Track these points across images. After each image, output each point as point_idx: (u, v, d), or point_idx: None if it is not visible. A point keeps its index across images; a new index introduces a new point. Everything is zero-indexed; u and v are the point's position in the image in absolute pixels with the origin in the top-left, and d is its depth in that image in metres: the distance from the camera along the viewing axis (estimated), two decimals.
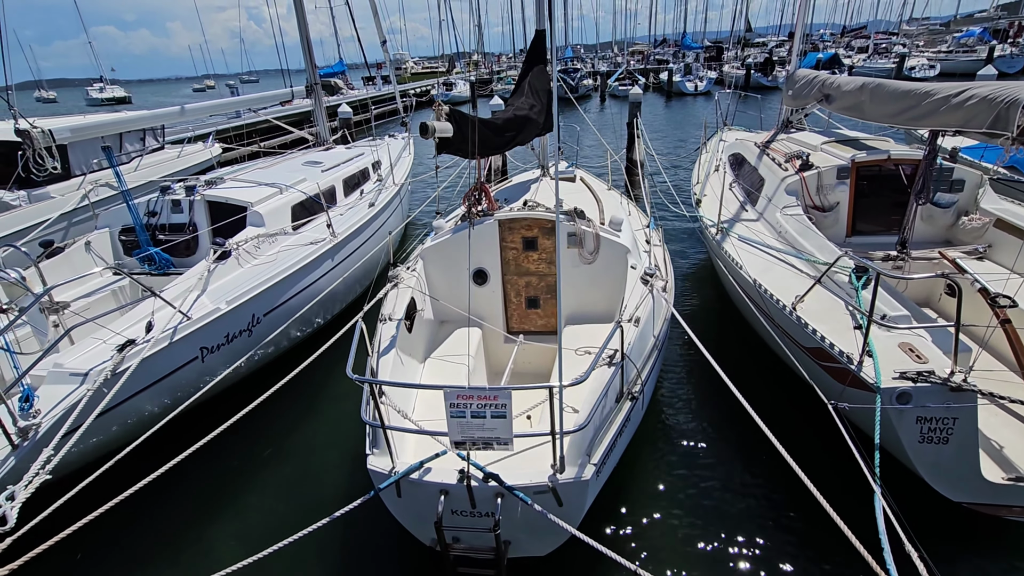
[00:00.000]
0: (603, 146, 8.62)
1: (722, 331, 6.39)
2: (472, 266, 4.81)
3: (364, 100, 21.34)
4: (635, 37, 67.93)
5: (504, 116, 5.03)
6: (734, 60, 38.11)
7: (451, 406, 2.47)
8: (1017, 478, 3.34)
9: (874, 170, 5.87)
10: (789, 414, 4.59)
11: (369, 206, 7.48)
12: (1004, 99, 3.97)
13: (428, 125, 4.00)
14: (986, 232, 5.41)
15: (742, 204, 6.58)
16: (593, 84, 36.56)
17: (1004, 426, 3.81)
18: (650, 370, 3.78)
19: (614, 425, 3.15)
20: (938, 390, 3.20)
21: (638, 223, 6.02)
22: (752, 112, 11.36)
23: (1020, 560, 3.60)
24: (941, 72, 31.00)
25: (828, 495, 2.55)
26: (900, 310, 3.93)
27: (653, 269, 4.35)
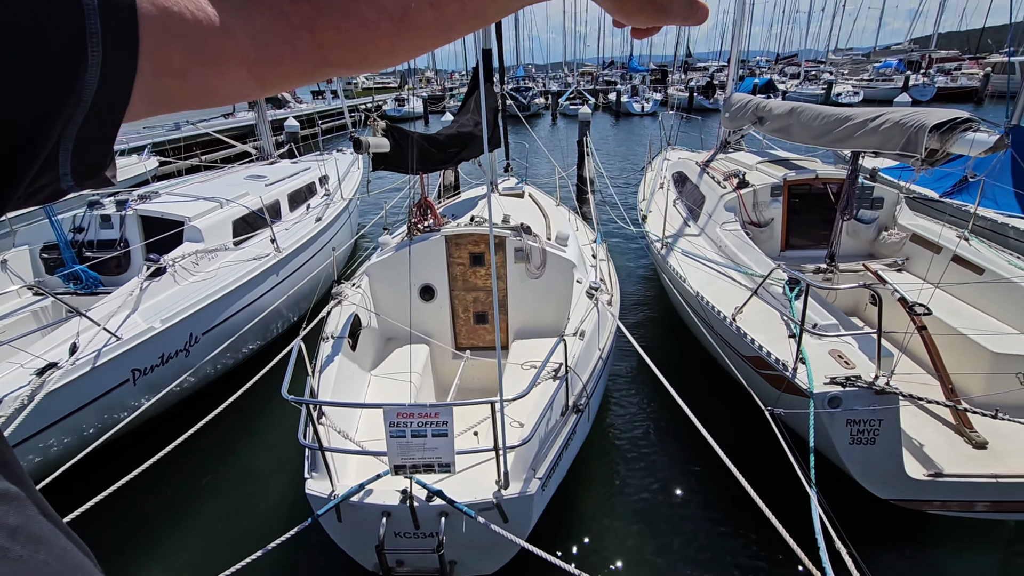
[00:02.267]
0: (553, 163, 8.82)
1: (668, 342, 6.56)
2: (419, 282, 4.77)
3: (312, 114, 20.93)
4: (585, 58, 70.10)
5: (447, 133, 5.06)
6: (678, 83, 39.84)
7: (391, 425, 2.42)
8: (936, 474, 3.56)
9: (804, 188, 6.23)
10: (732, 421, 4.74)
11: (316, 221, 7.31)
12: (913, 124, 4.32)
13: (362, 140, 3.95)
14: (904, 246, 5.82)
15: (685, 220, 6.82)
16: (545, 103, 37.29)
17: (924, 426, 4.06)
18: (596, 382, 3.83)
19: (560, 438, 3.17)
20: (864, 394, 3.39)
21: (585, 238, 6.13)
22: (694, 133, 11.88)
23: (940, 550, 3.84)
24: (864, 98, 33.38)
25: (770, 497, 2.64)
26: (829, 319, 4.15)
27: (598, 283, 4.44)
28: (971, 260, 5.03)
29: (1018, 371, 4.08)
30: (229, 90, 0.39)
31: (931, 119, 4.16)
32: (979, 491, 3.51)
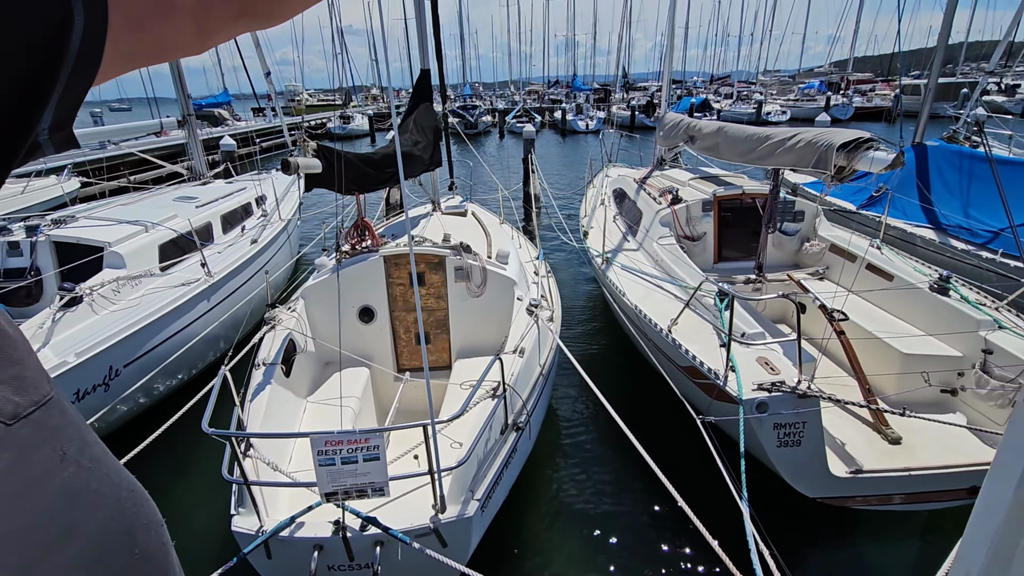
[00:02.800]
0: (500, 181, 8.91)
1: (611, 355, 6.69)
2: (358, 303, 4.67)
3: (249, 132, 20.28)
4: (531, 77, 71.52)
5: (383, 152, 5.03)
6: (620, 102, 41.30)
7: (319, 454, 2.34)
8: (857, 471, 3.76)
9: (734, 203, 6.55)
10: (672, 429, 4.86)
11: (251, 243, 7.06)
12: (823, 143, 4.63)
13: (290, 162, 3.86)
14: (824, 256, 6.20)
15: (624, 235, 7.02)
16: (492, 121, 37.74)
17: (845, 425, 4.29)
18: (537, 399, 3.85)
19: (499, 457, 3.15)
20: (789, 398, 3.55)
21: (528, 255, 6.20)
22: (635, 150, 12.31)
23: (865, 543, 4.04)
24: (791, 117, 35.58)
25: (708, 504, 2.71)
26: (756, 327, 4.34)
27: (538, 300, 4.48)
28: (882, 268, 5.41)
29: (923, 370, 4.39)
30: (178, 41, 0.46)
31: (838, 139, 4.48)
32: (895, 485, 3.73)
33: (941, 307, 4.67)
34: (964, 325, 4.39)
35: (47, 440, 0.38)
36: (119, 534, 0.41)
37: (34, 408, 0.38)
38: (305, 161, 3.98)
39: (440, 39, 6.94)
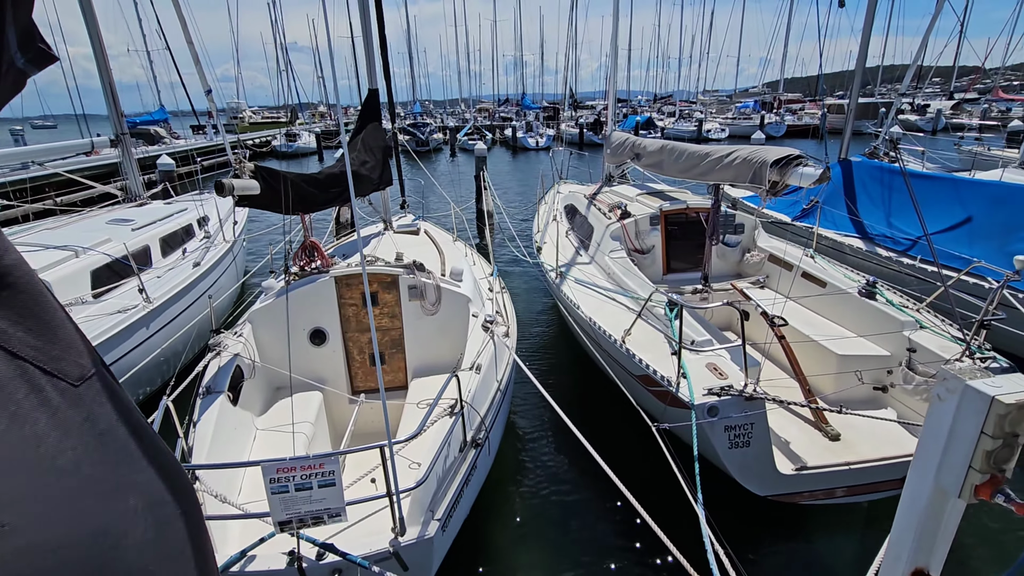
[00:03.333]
0: (453, 198, 8.95)
1: (566, 367, 6.77)
2: (308, 326, 4.56)
3: (189, 151, 19.49)
4: (481, 95, 72.31)
5: (329, 172, 4.96)
6: (569, 120, 42.31)
7: (271, 482, 2.26)
8: (802, 468, 3.95)
9: (680, 217, 6.82)
10: (630, 438, 4.96)
11: (194, 266, 6.77)
12: (757, 160, 4.92)
13: (225, 183, 3.72)
14: (763, 265, 6.53)
15: (577, 250, 7.17)
16: (443, 138, 37.84)
17: (789, 424, 4.51)
18: (495, 415, 3.85)
19: (459, 475, 3.13)
20: (737, 401, 3.70)
21: (482, 272, 6.23)
22: (584, 167, 12.62)
23: (812, 536, 4.23)
24: (730, 134, 37.46)
25: (666, 507, 2.77)
26: (705, 335, 4.51)
27: (494, 316, 4.51)
28: (816, 275, 5.75)
29: (856, 369, 4.68)
30: None
31: (770, 156, 4.77)
32: (837, 479, 3.93)
33: (869, 310, 5.01)
34: (890, 326, 4.71)
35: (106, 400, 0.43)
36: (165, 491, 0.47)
37: (93, 372, 0.43)
38: (241, 183, 3.86)
39: (388, 58, 6.95)
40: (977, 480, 1.57)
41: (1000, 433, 1.50)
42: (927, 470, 1.73)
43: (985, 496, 1.58)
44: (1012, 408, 1.47)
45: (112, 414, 0.44)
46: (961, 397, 1.59)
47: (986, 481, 1.56)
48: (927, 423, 1.76)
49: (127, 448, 0.44)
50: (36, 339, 0.39)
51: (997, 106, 39.06)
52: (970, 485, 1.58)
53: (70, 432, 0.38)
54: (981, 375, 1.58)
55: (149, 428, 0.48)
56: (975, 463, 1.56)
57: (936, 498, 1.74)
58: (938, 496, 1.73)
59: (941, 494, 1.72)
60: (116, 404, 0.45)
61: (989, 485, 1.57)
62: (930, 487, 1.72)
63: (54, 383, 0.39)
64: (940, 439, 1.68)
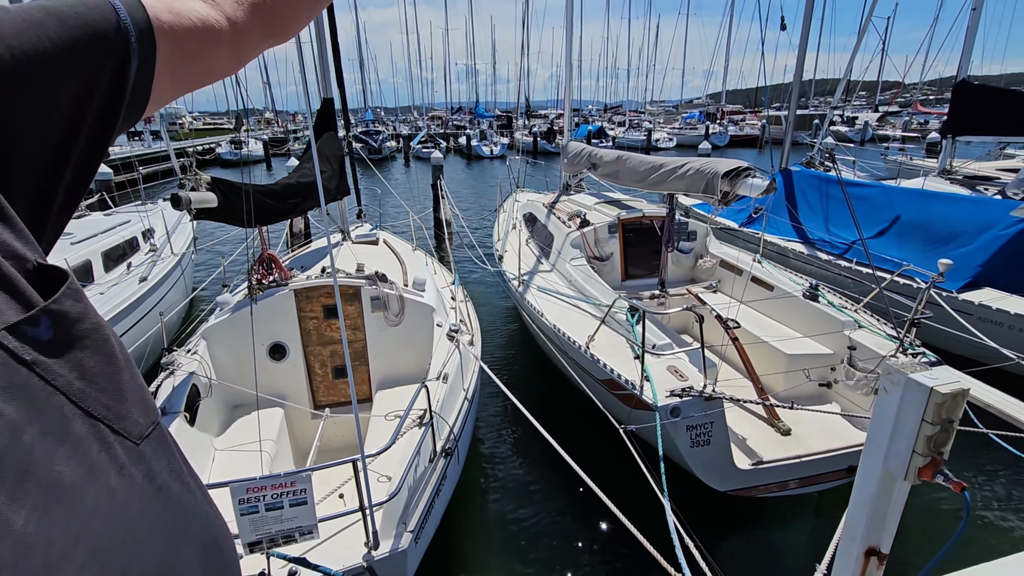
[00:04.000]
0: (409, 207, 8.89)
1: (532, 373, 6.84)
2: (267, 340, 4.43)
3: (129, 158, 18.50)
4: (433, 103, 72.15)
5: (286, 182, 4.86)
6: (522, 128, 42.80)
7: (240, 502, 2.20)
8: (758, 462, 4.14)
9: (636, 225, 7.03)
10: (597, 441, 5.06)
11: (140, 281, 6.44)
12: (709, 172, 5.16)
13: (181, 197, 3.60)
14: (715, 270, 6.82)
15: (538, 258, 7.27)
16: (396, 146, 37.49)
17: (745, 422, 4.72)
18: (463, 423, 3.86)
19: (430, 486, 3.12)
20: (697, 401, 3.85)
21: (444, 281, 6.23)
22: (540, 175, 12.81)
23: (770, 526, 4.44)
24: (677, 144, 38.82)
25: (634, 507, 2.86)
26: (665, 339, 4.68)
27: (458, 325, 4.52)
28: (764, 279, 6.07)
29: (803, 368, 4.96)
30: (221, 66, 0.57)
31: (722, 168, 5.01)
32: (790, 471, 4.15)
33: (813, 312, 5.32)
34: (832, 326, 5.03)
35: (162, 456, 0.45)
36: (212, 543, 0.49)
37: (152, 428, 0.45)
38: (198, 195, 3.73)
39: (341, 66, 6.89)
40: (920, 463, 1.73)
41: (938, 420, 1.66)
42: (876, 456, 1.89)
43: (927, 477, 1.74)
44: (947, 397, 1.63)
45: (167, 469, 0.45)
46: (904, 389, 1.74)
47: (927, 463, 1.72)
48: (875, 413, 1.91)
49: (182, 502, 0.46)
50: (108, 399, 0.41)
51: (917, 119, 42.28)
52: (914, 468, 1.74)
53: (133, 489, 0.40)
54: (919, 369, 1.74)
55: (197, 479, 0.51)
56: (918, 447, 1.72)
57: (885, 481, 1.89)
58: (887, 479, 1.89)
59: (889, 477, 1.88)
60: (169, 459, 0.47)
61: (930, 467, 1.73)
62: (879, 471, 1.87)
63: (121, 441, 0.41)
64: (887, 427, 1.84)
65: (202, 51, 0.53)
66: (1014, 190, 10.10)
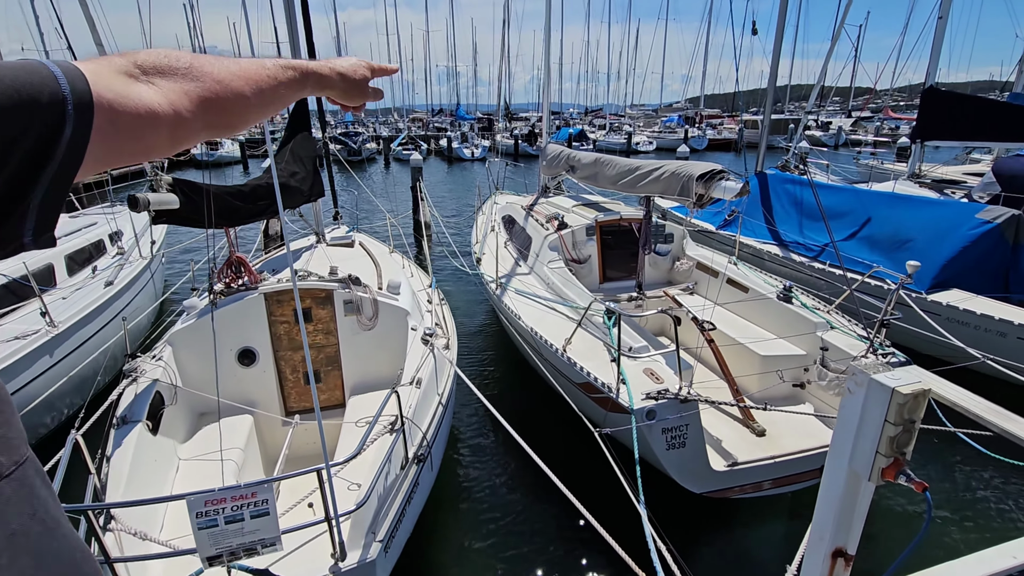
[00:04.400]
0: (390, 210, 8.79)
1: (510, 377, 6.80)
2: (236, 346, 4.32)
3: None
4: (414, 105, 71.75)
5: (255, 183, 4.74)
6: (503, 131, 42.83)
7: (198, 516, 2.11)
8: (733, 464, 4.16)
9: (613, 228, 7.05)
10: (574, 445, 5.04)
11: (105, 286, 6.25)
12: (684, 175, 5.19)
13: (139, 198, 3.48)
14: (692, 272, 6.86)
15: (516, 260, 7.24)
16: (377, 148, 37.20)
17: (720, 423, 4.75)
18: (437, 429, 3.80)
19: (401, 493, 3.06)
20: (673, 404, 3.85)
21: (420, 283, 6.16)
22: (520, 178, 12.81)
23: (745, 527, 4.45)
24: (657, 147, 39.23)
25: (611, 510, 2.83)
26: (641, 341, 4.68)
27: (433, 329, 4.46)
28: (739, 281, 6.12)
29: (777, 369, 5.01)
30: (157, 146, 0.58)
31: (696, 171, 5.05)
32: (765, 472, 4.18)
33: (787, 313, 5.38)
34: (805, 328, 5.08)
35: (24, 498, 0.42)
36: None
37: (15, 468, 0.42)
38: (158, 197, 3.61)
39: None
40: (883, 464, 1.73)
41: (900, 420, 1.66)
42: (842, 457, 1.89)
43: (890, 477, 1.74)
44: (908, 397, 1.63)
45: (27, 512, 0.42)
46: (867, 390, 1.75)
47: (890, 464, 1.73)
48: (840, 415, 1.92)
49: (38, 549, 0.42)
50: None
51: (888, 124, 43.41)
52: (878, 468, 1.74)
53: None
54: (883, 369, 1.75)
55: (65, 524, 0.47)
56: (881, 448, 1.72)
57: (851, 482, 1.89)
58: (852, 480, 1.89)
59: (855, 478, 1.88)
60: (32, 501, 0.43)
61: (893, 467, 1.73)
62: (845, 472, 1.88)
63: None
64: (852, 428, 1.84)
65: (140, 131, 0.54)
66: (980, 193, 10.40)
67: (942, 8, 10.68)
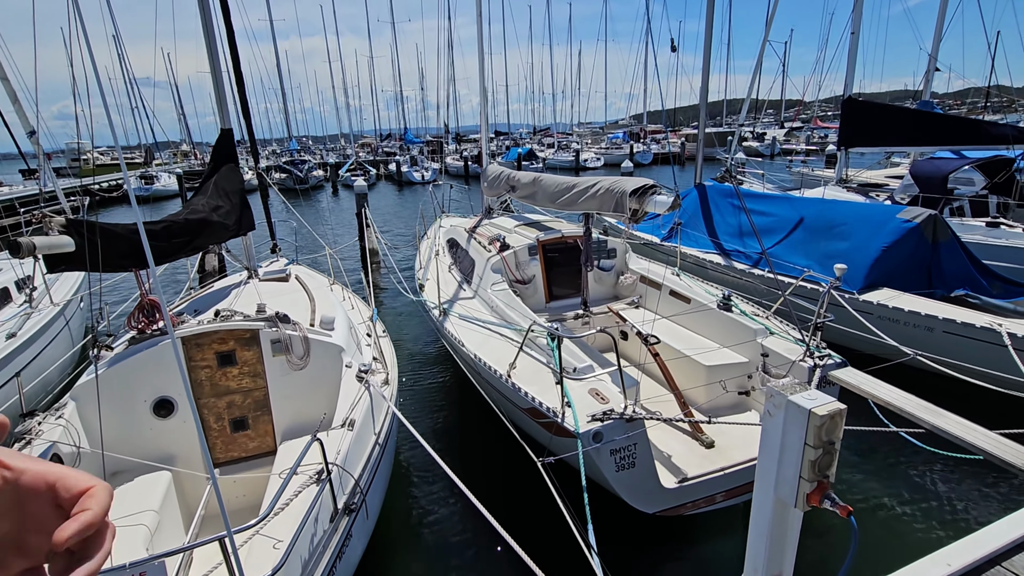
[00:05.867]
0: (335, 238, 8.51)
1: (457, 407, 6.59)
2: (151, 396, 3.98)
3: (10, 200, 16.75)
4: (363, 131, 71.15)
5: (172, 220, 4.44)
6: (453, 153, 42.90)
7: None
8: (684, 480, 4.10)
9: (557, 246, 7.02)
10: (524, 474, 4.86)
11: (7, 338, 5.71)
12: (618, 191, 5.21)
13: (22, 243, 3.09)
14: (636, 286, 6.89)
15: (460, 284, 7.09)
16: (324, 175, 36.57)
17: (669, 439, 4.69)
18: (372, 474, 3.57)
19: (328, 549, 2.82)
20: (619, 424, 3.76)
21: (361, 316, 5.92)
22: (468, 200, 12.73)
23: (700, 545, 4.38)
24: (605, 163, 40.17)
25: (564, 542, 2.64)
26: (586, 361, 4.59)
27: (369, 364, 4.25)
28: (681, 292, 6.17)
29: (721, 379, 5.03)
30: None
31: (629, 186, 5.07)
32: (716, 485, 4.13)
33: (727, 321, 5.43)
34: (745, 335, 5.14)
35: None
36: None
37: None
38: (47, 240, 3.25)
39: (245, 95, 6.54)
40: (808, 488, 1.67)
41: (819, 442, 1.61)
42: (767, 484, 1.83)
43: (815, 503, 1.68)
44: (825, 419, 1.58)
45: None
46: (786, 412, 1.69)
47: (815, 488, 1.66)
48: (762, 439, 1.86)
49: None
50: None
51: (817, 133, 46.04)
52: (803, 494, 1.68)
53: None
54: (800, 389, 1.69)
55: None
56: (804, 472, 1.66)
57: (778, 510, 1.83)
58: (779, 508, 1.83)
59: (781, 505, 1.82)
60: None
61: (818, 492, 1.67)
62: (771, 500, 1.81)
63: None
64: (774, 453, 1.77)
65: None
66: (900, 195, 11.02)
67: (854, 24, 11.38)
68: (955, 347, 5.79)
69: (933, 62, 14.43)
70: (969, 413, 3.30)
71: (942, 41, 14.43)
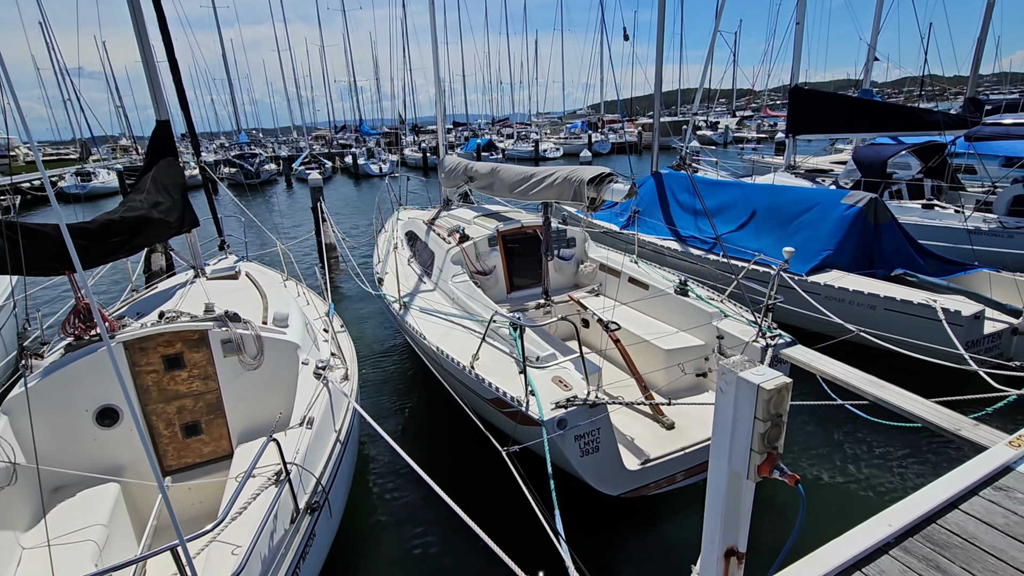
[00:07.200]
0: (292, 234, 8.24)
1: (421, 400, 6.53)
2: (93, 406, 3.77)
3: None
4: (316, 123, 69.20)
5: (106, 219, 4.17)
6: (411, 144, 42.25)
7: None
8: (646, 461, 4.19)
9: (517, 236, 7.01)
10: (490, 464, 4.86)
11: None
12: (576, 179, 5.23)
13: None
14: (596, 274, 6.98)
15: (420, 277, 7.01)
16: (277, 169, 35.42)
17: (632, 422, 4.79)
18: (334, 472, 3.50)
19: (291, 550, 2.76)
20: (582, 410, 3.81)
21: (317, 312, 5.77)
22: (426, 192, 12.57)
23: (663, 523, 4.48)
24: (564, 153, 40.40)
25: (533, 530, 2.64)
26: (548, 350, 4.62)
27: (327, 361, 4.15)
28: (639, 279, 6.28)
29: (680, 362, 5.16)
30: None
31: (586, 175, 5.10)
32: (676, 465, 4.25)
33: (684, 306, 5.57)
34: (701, 319, 5.28)
35: None
36: None
37: None
38: None
39: (182, 82, 6.22)
40: (758, 460, 1.73)
41: (767, 415, 1.66)
42: (721, 458, 1.88)
43: (766, 473, 1.74)
44: (773, 392, 1.63)
45: None
46: (737, 388, 1.74)
47: (765, 460, 1.72)
48: (716, 415, 1.91)
49: None
50: None
51: (768, 121, 47.57)
52: (754, 466, 1.74)
53: None
54: (750, 366, 1.74)
55: None
56: (754, 445, 1.71)
57: (732, 481, 1.89)
58: (733, 480, 1.89)
59: (735, 478, 1.88)
60: None
61: (768, 463, 1.73)
62: (726, 473, 1.87)
63: None
64: (727, 427, 1.83)
65: None
66: (844, 180, 11.52)
67: (799, 14, 11.76)
68: (895, 323, 6.11)
69: (872, 52, 15.10)
70: (908, 384, 3.50)
71: (880, 33, 15.11)
